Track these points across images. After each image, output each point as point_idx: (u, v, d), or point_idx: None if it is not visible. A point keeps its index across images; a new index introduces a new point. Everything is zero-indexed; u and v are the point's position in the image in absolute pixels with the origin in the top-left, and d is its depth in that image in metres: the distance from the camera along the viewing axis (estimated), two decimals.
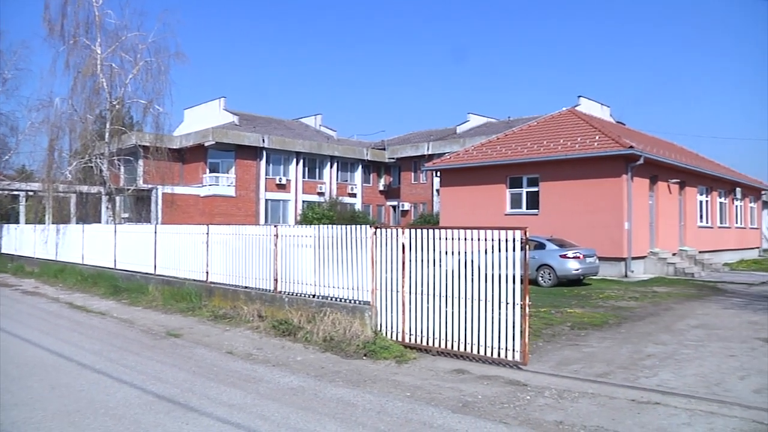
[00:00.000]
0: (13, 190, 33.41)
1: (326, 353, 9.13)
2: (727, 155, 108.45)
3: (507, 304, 8.09)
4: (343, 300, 10.30)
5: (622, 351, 9.21)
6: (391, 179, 48.50)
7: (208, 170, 38.85)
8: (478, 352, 8.36)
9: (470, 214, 23.13)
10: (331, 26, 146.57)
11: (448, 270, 8.84)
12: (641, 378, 7.62)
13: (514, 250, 8.17)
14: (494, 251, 8.32)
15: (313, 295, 10.94)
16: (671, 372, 7.92)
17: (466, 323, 8.49)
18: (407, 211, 45.29)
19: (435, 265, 8.98)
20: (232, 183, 38.91)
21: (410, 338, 9.16)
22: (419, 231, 9.34)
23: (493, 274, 8.26)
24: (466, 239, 8.74)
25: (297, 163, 42.38)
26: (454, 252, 8.87)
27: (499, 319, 8.13)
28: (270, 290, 11.97)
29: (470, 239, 8.69)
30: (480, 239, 8.58)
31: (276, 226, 12.24)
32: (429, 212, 40.89)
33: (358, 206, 45.28)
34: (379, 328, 9.58)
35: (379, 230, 9.83)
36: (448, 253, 8.94)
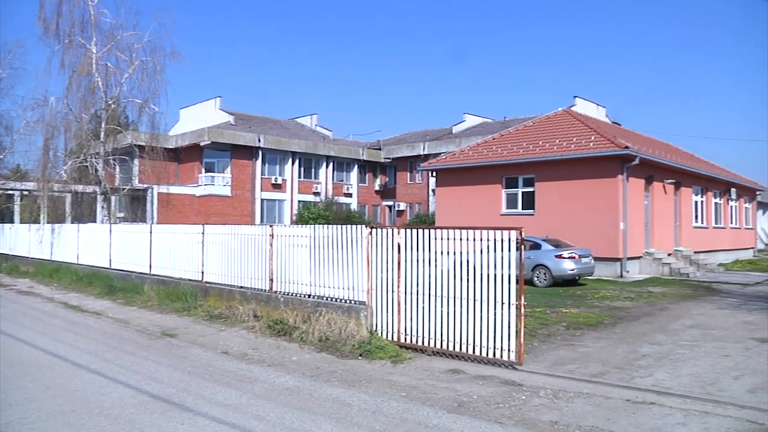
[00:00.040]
0: (8, 189, 33.32)
1: (322, 353, 9.12)
2: (725, 155, 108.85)
3: (502, 304, 8.10)
4: (338, 300, 10.30)
5: (617, 351, 9.24)
6: (387, 179, 48.53)
7: (203, 170, 38.81)
8: (474, 352, 8.37)
9: (466, 214, 23.16)
10: (328, 26, 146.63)
11: (443, 270, 8.84)
12: (636, 378, 7.64)
13: (509, 251, 8.17)
14: (490, 251, 8.32)
15: (309, 295, 10.93)
16: (666, 372, 7.94)
17: (461, 323, 8.49)
18: (403, 211, 45.29)
19: (430, 265, 8.99)
20: (227, 183, 38.85)
21: (406, 338, 9.16)
22: (415, 231, 9.34)
23: (488, 274, 8.27)
24: (461, 239, 8.75)
25: (293, 163, 42.37)
26: (449, 252, 8.87)
27: (495, 319, 8.15)
28: (265, 290, 11.96)
29: (466, 239, 8.69)
30: (475, 239, 8.59)
31: (271, 226, 12.24)
32: (425, 212, 40.90)
33: (353, 206, 45.30)
34: (374, 328, 9.58)
35: (374, 230, 9.83)
36: (443, 253, 8.95)
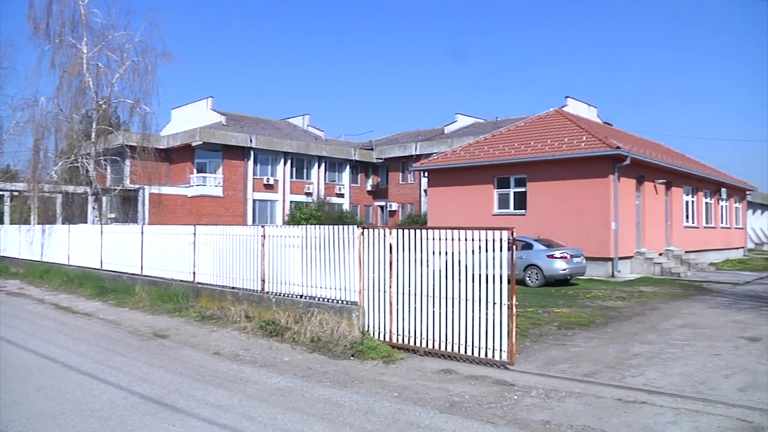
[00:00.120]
0: None
1: (313, 354, 9.11)
2: (719, 156, 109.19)
3: (494, 304, 8.11)
4: (330, 300, 10.29)
5: (608, 350, 9.27)
6: (379, 179, 48.52)
7: (195, 170, 38.67)
8: (466, 352, 8.38)
9: (458, 215, 23.18)
10: (320, 27, 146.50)
11: (435, 270, 8.85)
12: (628, 377, 7.68)
13: (501, 251, 8.19)
14: (481, 251, 8.34)
15: (301, 296, 10.92)
16: (657, 371, 7.98)
17: (453, 323, 8.50)
18: (395, 211, 45.30)
19: (422, 266, 8.99)
20: (219, 183, 38.73)
21: (398, 338, 9.16)
22: (407, 231, 9.34)
23: (480, 275, 8.28)
24: (453, 239, 8.76)
25: (285, 164, 42.29)
26: (441, 252, 8.88)
27: (487, 319, 8.16)
28: (257, 291, 11.93)
29: (458, 239, 8.71)
30: (467, 239, 8.60)
31: (263, 227, 12.21)
32: (417, 212, 40.91)
33: (345, 206, 45.29)
34: (366, 329, 9.57)
35: (366, 230, 9.82)
36: (435, 253, 8.95)
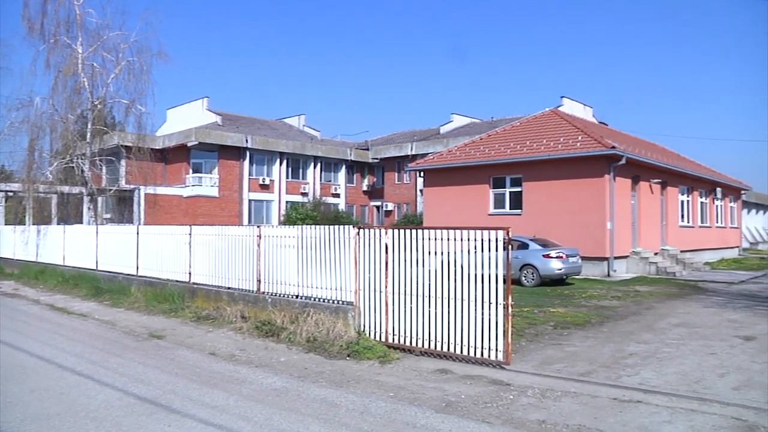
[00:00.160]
0: None
1: (309, 354, 9.11)
2: (717, 155, 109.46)
3: (490, 303, 8.12)
4: (326, 300, 10.28)
5: (604, 350, 9.28)
6: (375, 179, 48.51)
7: (191, 170, 38.57)
8: (462, 352, 8.39)
9: (454, 215, 23.20)
10: (316, 27, 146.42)
11: (431, 270, 8.85)
12: (623, 377, 7.69)
13: (497, 250, 8.19)
14: (477, 251, 8.35)
15: (297, 296, 10.91)
16: (653, 370, 8.00)
17: (449, 323, 8.50)
18: (391, 211, 45.30)
19: (418, 266, 8.99)
20: (215, 183, 38.67)
21: (394, 338, 9.16)
22: (402, 231, 9.34)
23: (476, 274, 8.29)
24: (449, 239, 8.76)
25: (280, 164, 42.24)
26: (437, 252, 8.88)
27: (482, 319, 8.17)
28: (253, 291, 11.92)
29: (453, 239, 8.71)
30: (463, 239, 8.61)
31: (259, 227, 12.19)
32: (412, 212, 40.90)
33: (341, 206, 45.22)
34: (362, 329, 9.57)
35: (362, 230, 9.82)
36: (431, 253, 8.96)
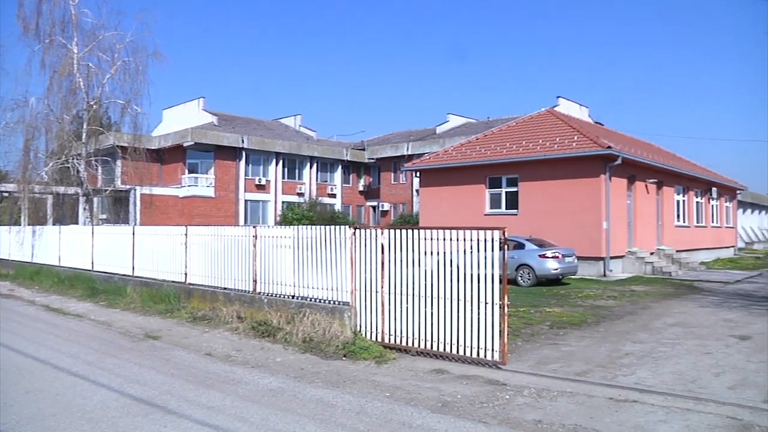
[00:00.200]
0: None
1: (306, 354, 9.10)
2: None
3: (486, 303, 8.12)
4: (322, 301, 10.28)
5: (600, 350, 9.30)
6: (371, 180, 48.49)
7: (187, 171, 38.50)
8: (458, 352, 8.39)
9: (450, 215, 23.21)
10: (313, 28, 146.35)
11: (427, 270, 8.86)
12: (619, 376, 7.70)
13: (493, 250, 8.21)
14: (473, 251, 8.35)
15: (293, 296, 10.90)
16: (649, 370, 8.02)
17: (445, 323, 8.51)
18: (387, 211, 45.30)
19: (414, 266, 8.99)
20: (211, 184, 38.60)
21: (390, 339, 9.16)
22: (398, 231, 9.34)
23: (472, 274, 8.29)
24: (445, 239, 8.76)
25: (276, 164, 42.19)
26: (433, 252, 8.88)
27: (478, 319, 8.17)
28: (249, 291, 11.91)
29: (449, 239, 8.71)
30: (459, 239, 8.61)
31: (255, 227, 12.18)
32: (409, 212, 40.92)
33: (337, 207, 45.22)
34: (358, 329, 9.57)
35: (358, 231, 9.82)
36: (427, 253, 8.96)
